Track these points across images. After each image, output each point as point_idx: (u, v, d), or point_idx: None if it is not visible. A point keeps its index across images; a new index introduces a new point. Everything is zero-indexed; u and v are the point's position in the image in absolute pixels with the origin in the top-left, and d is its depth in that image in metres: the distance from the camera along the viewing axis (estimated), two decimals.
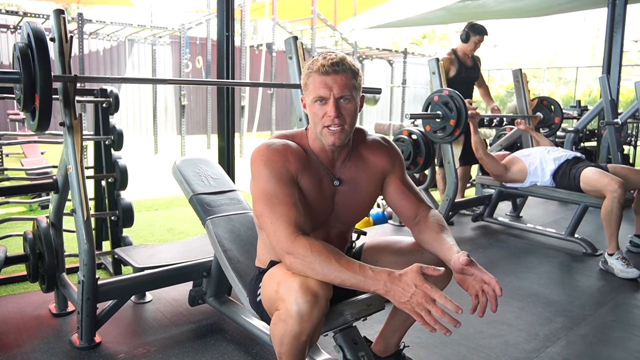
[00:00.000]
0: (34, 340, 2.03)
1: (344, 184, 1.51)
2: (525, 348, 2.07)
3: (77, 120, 1.88)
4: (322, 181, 1.47)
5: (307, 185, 1.43)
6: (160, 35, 10.87)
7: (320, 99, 1.38)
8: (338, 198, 1.51)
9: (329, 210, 1.51)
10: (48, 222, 2.23)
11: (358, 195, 1.52)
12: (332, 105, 1.36)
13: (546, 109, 4.35)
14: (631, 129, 6.79)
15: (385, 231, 3.91)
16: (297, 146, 1.46)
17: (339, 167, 1.51)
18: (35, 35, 1.71)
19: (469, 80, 4.25)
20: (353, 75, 1.39)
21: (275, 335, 1.31)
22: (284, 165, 1.39)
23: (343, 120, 1.38)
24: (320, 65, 1.36)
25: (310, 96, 1.40)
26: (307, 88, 1.41)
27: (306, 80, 1.41)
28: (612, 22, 5.43)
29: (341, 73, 1.36)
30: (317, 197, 1.46)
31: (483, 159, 3.61)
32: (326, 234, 1.54)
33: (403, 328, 1.73)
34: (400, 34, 24.79)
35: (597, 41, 21.39)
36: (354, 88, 1.39)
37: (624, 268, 2.91)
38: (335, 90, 1.36)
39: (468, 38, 4.12)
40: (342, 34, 11.42)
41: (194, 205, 2.08)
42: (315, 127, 1.42)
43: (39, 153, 6.85)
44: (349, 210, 1.53)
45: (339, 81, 1.36)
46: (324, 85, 1.36)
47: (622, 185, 2.99)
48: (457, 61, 4.13)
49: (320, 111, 1.39)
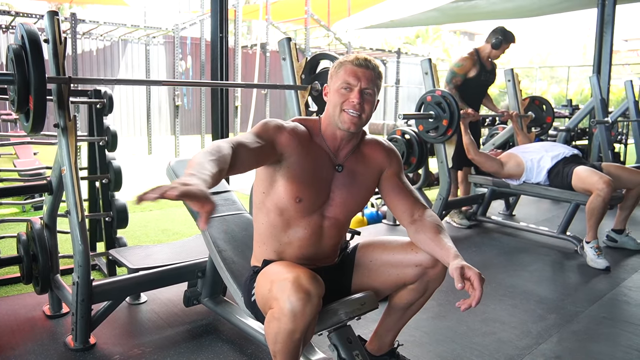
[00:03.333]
0: (27, 342, 2.03)
1: (344, 172, 1.56)
2: (518, 345, 2.09)
3: (71, 122, 1.88)
4: (322, 164, 1.54)
5: (302, 162, 1.49)
6: (153, 35, 10.83)
7: (348, 86, 1.49)
8: (335, 185, 1.55)
9: (324, 195, 1.54)
10: (42, 223, 2.22)
11: (355, 186, 1.57)
12: (357, 92, 1.48)
13: (538, 108, 4.38)
14: (622, 128, 6.85)
15: (379, 231, 3.93)
16: (302, 128, 1.54)
17: (343, 157, 1.57)
18: (30, 36, 1.71)
19: (486, 85, 4.11)
20: (378, 75, 1.53)
21: (269, 333, 1.33)
22: (273, 134, 1.46)
23: (362, 109, 1.49)
24: (354, 57, 1.51)
25: (337, 82, 1.51)
26: (337, 75, 1.52)
27: (337, 69, 1.52)
28: (602, 23, 5.49)
29: (370, 69, 1.50)
30: (313, 177, 1.51)
31: (475, 159, 3.64)
32: (320, 224, 1.55)
33: (397, 327, 1.74)
34: (393, 34, 24.80)
35: (589, 40, 21.51)
36: (376, 86, 1.52)
37: (595, 258, 3.07)
38: (363, 81, 1.48)
39: (500, 45, 3.90)
40: (336, 34, 11.43)
41: (188, 206, 2.08)
42: (334, 110, 1.51)
43: (31, 154, 6.81)
44: (344, 201, 1.56)
45: (367, 75, 1.49)
46: (354, 75, 1.48)
47: (610, 184, 3.04)
48: (478, 63, 3.96)
49: (344, 97, 1.49)
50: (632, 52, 25.76)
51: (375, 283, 1.61)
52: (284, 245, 1.55)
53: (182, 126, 11.32)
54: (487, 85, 4.13)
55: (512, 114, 4.03)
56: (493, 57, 4.02)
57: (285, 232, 1.54)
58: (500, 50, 3.95)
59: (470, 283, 1.35)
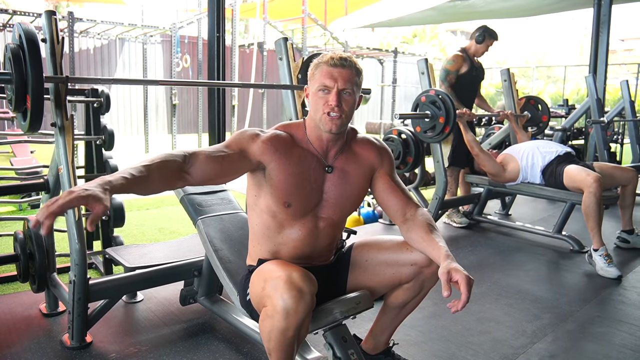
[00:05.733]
0: (24, 340, 2.03)
1: (335, 172, 1.56)
2: (513, 344, 2.11)
3: (68, 121, 1.89)
4: (310, 167, 1.52)
5: (285, 168, 1.49)
6: (151, 34, 10.82)
7: (325, 88, 1.46)
8: (327, 186, 1.55)
9: (317, 197, 1.54)
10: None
11: (347, 186, 1.57)
12: (334, 94, 1.45)
13: (534, 108, 4.40)
14: (618, 127, 6.87)
15: (375, 230, 3.94)
16: (282, 135, 1.53)
17: (332, 157, 1.56)
18: (27, 36, 1.72)
19: (477, 81, 4.20)
20: (357, 73, 1.49)
21: (264, 331, 1.34)
22: (245, 143, 1.47)
23: (342, 110, 1.47)
24: (329, 58, 1.48)
25: (315, 84, 1.48)
26: (314, 77, 1.50)
27: (314, 70, 1.50)
28: (598, 23, 5.50)
29: (347, 68, 1.47)
30: (301, 181, 1.50)
31: (480, 155, 3.63)
32: (314, 225, 1.55)
33: (392, 326, 1.75)
34: (391, 33, 24.81)
35: (585, 40, 21.56)
36: (355, 84, 1.49)
37: (605, 266, 2.94)
38: (340, 82, 1.46)
39: (483, 40, 4.02)
40: (333, 33, 11.43)
41: (185, 205, 2.09)
42: (315, 114, 1.50)
43: (28, 152, 6.80)
44: (338, 201, 1.56)
45: (344, 75, 1.46)
46: (330, 76, 1.46)
47: (599, 180, 3.04)
48: (468, 60, 4.05)
49: (322, 99, 1.47)
50: (628, 52, 25.85)
51: (371, 282, 1.62)
52: (279, 245, 1.56)
53: (179, 125, 11.33)
54: (478, 81, 4.22)
55: (508, 113, 4.06)
56: (479, 55, 4.11)
57: (279, 233, 1.55)
58: (484, 46, 4.05)
59: (458, 287, 1.33)
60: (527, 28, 27.93)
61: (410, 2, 9.19)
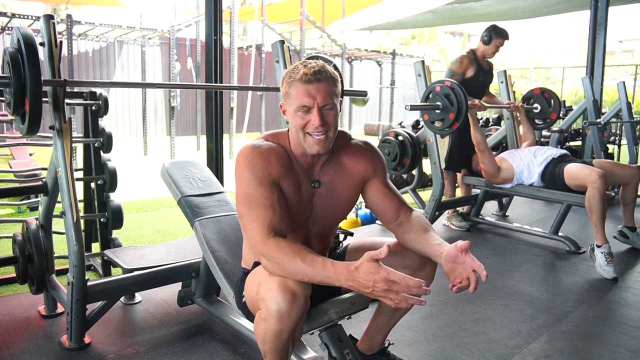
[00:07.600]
0: (23, 341, 2.05)
1: (322, 187, 1.54)
2: (508, 344, 2.12)
3: (66, 124, 1.90)
4: (301, 184, 1.50)
5: (287, 187, 1.47)
6: (149, 36, 10.84)
7: (304, 108, 1.39)
8: (316, 200, 1.54)
9: (307, 212, 1.54)
10: (37, 224, 2.24)
11: (335, 198, 1.55)
12: (316, 114, 1.38)
13: (545, 101, 4.23)
14: (615, 129, 6.90)
15: (373, 231, 3.96)
16: (281, 149, 1.49)
17: (318, 171, 1.54)
18: (25, 40, 1.73)
19: (484, 85, 4.08)
20: (334, 82, 1.42)
21: (258, 334, 1.35)
22: (266, 169, 1.42)
23: (327, 127, 1.41)
24: (302, 74, 1.38)
25: (293, 105, 1.41)
26: (290, 97, 1.42)
27: (288, 88, 1.42)
28: (595, 24, 5.52)
29: (323, 81, 1.39)
30: (297, 199, 1.49)
31: (485, 152, 3.60)
32: (306, 236, 1.57)
33: (388, 326, 1.76)
34: (389, 34, 24.84)
35: (583, 41, 21.60)
36: (335, 95, 1.42)
37: (604, 264, 2.95)
38: (319, 99, 1.38)
39: (490, 40, 3.89)
40: (331, 35, 11.46)
41: (182, 207, 2.10)
42: (297, 134, 1.44)
43: (27, 154, 6.80)
44: (327, 214, 1.57)
45: (322, 90, 1.38)
46: (307, 94, 1.38)
47: (602, 176, 3.04)
48: (475, 62, 3.96)
49: (303, 120, 1.41)
50: (626, 53, 25.90)
51: None
52: None
53: (178, 127, 11.33)
54: (485, 85, 4.11)
55: (519, 105, 4.03)
56: (488, 56, 3.99)
57: None
58: (493, 47, 3.91)
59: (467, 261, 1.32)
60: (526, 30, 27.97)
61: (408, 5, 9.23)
